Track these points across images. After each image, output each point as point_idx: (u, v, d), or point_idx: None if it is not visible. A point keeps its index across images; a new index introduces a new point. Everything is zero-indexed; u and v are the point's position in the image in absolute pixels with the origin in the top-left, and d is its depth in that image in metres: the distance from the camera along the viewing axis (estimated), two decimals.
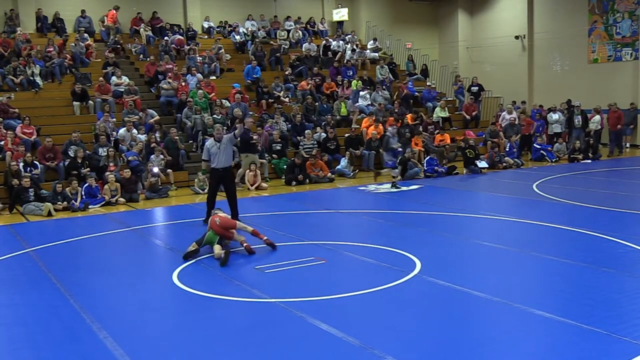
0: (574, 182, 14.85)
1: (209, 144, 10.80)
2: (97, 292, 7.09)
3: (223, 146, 10.56)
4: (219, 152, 10.55)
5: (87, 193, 13.54)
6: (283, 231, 9.98)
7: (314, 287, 6.97)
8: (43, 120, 16.96)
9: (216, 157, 10.58)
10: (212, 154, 10.60)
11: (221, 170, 10.62)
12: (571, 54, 23.94)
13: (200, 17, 24.60)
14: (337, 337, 5.34)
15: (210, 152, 10.63)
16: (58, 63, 19.09)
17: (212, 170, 10.80)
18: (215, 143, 10.61)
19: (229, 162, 10.72)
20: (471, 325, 5.64)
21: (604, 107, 21.70)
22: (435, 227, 10.13)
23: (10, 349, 5.51)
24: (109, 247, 9.90)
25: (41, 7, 21.64)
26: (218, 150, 10.55)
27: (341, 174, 16.92)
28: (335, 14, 26.52)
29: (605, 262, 7.45)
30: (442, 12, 28.38)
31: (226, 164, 10.64)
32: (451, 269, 7.47)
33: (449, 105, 22.18)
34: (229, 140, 10.64)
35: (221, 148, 10.55)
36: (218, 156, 10.56)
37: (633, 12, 22.02)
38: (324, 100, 20.15)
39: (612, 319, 5.54)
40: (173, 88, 18.87)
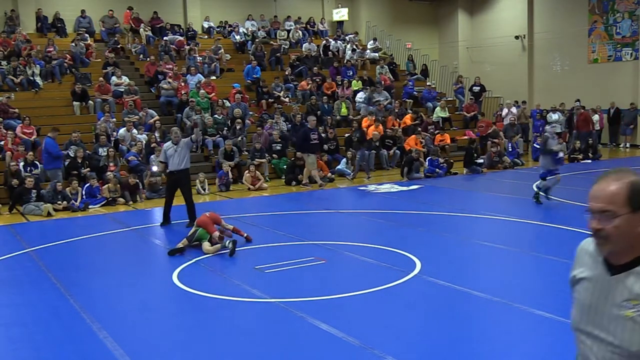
0: (574, 182, 14.84)
1: (166, 146, 10.98)
2: (97, 292, 7.09)
3: (179, 149, 10.70)
4: (174, 155, 10.70)
5: (88, 193, 13.55)
6: (283, 231, 9.98)
7: (314, 287, 6.97)
8: (43, 120, 16.95)
9: (171, 160, 10.72)
10: (169, 156, 10.76)
11: (176, 172, 10.75)
12: (571, 54, 23.94)
13: (200, 17, 24.60)
14: (337, 337, 5.34)
15: (167, 155, 10.79)
16: (58, 63, 19.09)
17: (168, 173, 11.01)
18: (172, 146, 10.76)
19: (184, 165, 10.81)
20: (471, 325, 5.64)
21: (604, 107, 21.75)
22: (435, 227, 10.13)
23: (10, 349, 5.51)
24: (109, 247, 9.90)
25: (41, 7, 21.64)
26: (174, 152, 10.70)
27: (341, 174, 16.92)
28: (335, 13, 26.52)
29: None
30: (442, 12, 28.39)
31: (180, 166, 10.74)
32: (451, 269, 7.47)
33: (449, 105, 22.18)
34: (185, 144, 10.80)
35: (177, 151, 10.69)
36: (173, 159, 10.71)
37: (633, 12, 22.02)
38: (325, 101, 20.15)
39: None
40: (173, 88, 18.87)
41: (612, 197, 1.96)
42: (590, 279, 2.06)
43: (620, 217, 1.94)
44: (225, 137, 17.04)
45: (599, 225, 1.97)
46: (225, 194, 14.74)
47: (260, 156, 16.49)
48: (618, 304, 1.95)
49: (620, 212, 1.94)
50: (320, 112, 19.62)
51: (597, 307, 2.01)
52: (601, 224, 1.96)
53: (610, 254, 1.99)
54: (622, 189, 1.96)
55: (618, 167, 2.06)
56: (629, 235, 1.94)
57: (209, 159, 17.14)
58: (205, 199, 14.33)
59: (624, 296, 1.94)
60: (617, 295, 1.96)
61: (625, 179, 1.98)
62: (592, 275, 2.05)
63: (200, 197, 14.40)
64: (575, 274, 2.13)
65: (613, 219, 1.94)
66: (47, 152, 13.78)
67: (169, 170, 10.91)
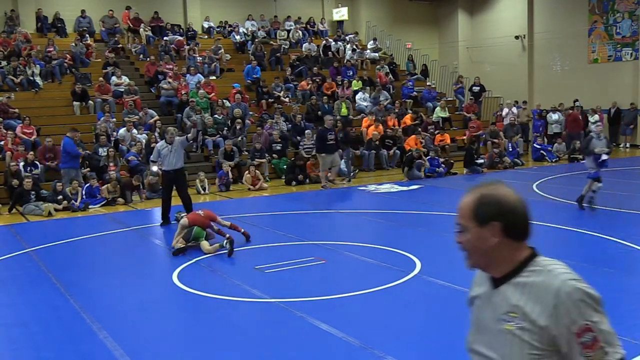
0: (574, 182, 14.83)
1: (159, 145, 10.98)
2: (97, 292, 7.09)
3: (174, 148, 10.70)
4: (169, 154, 10.69)
5: (88, 193, 13.55)
6: (283, 231, 9.98)
7: (314, 287, 6.97)
8: (43, 120, 16.95)
9: (166, 159, 10.72)
10: (163, 156, 10.76)
11: (172, 172, 10.76)
12: (571, 54, 23.93)
13: (200, 17, 24.59)
14: (337, 337, 5.33)
15: (161, 154, 10.78)
16: (58, 63, 19.09)
17: (164, 173, 11.01)
18: (166, 145, 10.76)
19: (179, 165, 10.82)
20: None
21: (604, 107, 21.75)
22: (435, 227, 10.13)
23: (10, 348, 5.51)
24: (109, 247, 9.90)
25: (41, 7, 21.63)
26: (169, 152, 10.69)
27: (341, 174, 16.91)
28: (335, 13, 26.52)
29: (605, 262, 7.45)
30: (442, 12, 28.38)
31: (176, 166, 10.76)
32: (451, 269, 7.46)
33: (449, 105, 22.18)
34: (180, 143, 10.80)
35: (172, 150, 10.69)
36: (168, 158, 10.70)
37: (633, 12, 22.01)
38: (325, 101, 20.15)
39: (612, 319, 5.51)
40: (173, 88, 18.87)
41: (463, 210, 1.92)
42: (480, 297, 2.01)
43: (469, 232, 1.90)
44: (225, 137, 17.04)
45: (458, 238, 1.94)
46: (225, 194, 14.74)
47: (260, 156, 16.49)
48: (499, 318, 1.88)
49: (469, 226, 1.90)
50: (321, 112, 19.64)
51: (484, 324, 1.96)
52: (459, 237, 1.94)
53: (486, 268, 1.95)
54: (470, 202, 1.91)
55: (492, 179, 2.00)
56: (481, 250, 1.90)
57: (209, 159, 17.14)
58: (206, 198, 14.33)
59: (503, 309, 1.88)
60: (498, 309, 1.90)
61: (477, 192, 1.93)
62: (482, 292, 2.00)
63: (200, 197, 14.40)
64: (471, 294, 2.08)
65: (465, 233, 1.91)
66: (66, 152, 13.82)
67: (164, 170, 10.89)
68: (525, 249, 1.93)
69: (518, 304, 1.84)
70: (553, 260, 1.91)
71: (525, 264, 1.89)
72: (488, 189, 1.93)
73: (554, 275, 1.82)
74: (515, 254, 1.90)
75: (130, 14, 22.36)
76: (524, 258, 1.90)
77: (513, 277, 1.88)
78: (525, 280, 1.86)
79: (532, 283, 1.84)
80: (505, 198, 1.90)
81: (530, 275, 1.86)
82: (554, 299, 1.77)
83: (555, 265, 1.87)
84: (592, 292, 1.79)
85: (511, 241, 1.89)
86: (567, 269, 1.86)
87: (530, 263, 1.89)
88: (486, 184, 1.97)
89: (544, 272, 1.85)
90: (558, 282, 1.80)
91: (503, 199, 1.90)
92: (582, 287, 1.78)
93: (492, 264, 1.92)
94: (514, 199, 1.92)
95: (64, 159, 13.96)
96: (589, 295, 1.78)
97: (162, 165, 10.90)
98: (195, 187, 14.94)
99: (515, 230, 1.90)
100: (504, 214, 1.88)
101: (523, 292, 1.85)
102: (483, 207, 1.88)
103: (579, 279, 1.81)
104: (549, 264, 1.88)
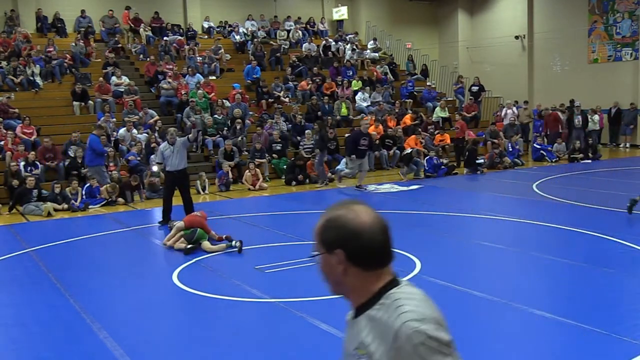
0: (574, 182, 14.85)
1: (162, 147, 11.00)
2: (97, 292, 7.08)
3: (176, 149, 10.71)
4: (172, 155, 10.71)
5: (87, 193, 13.55)
6: (283, 231, 9.98)
7: (314, 287, 6.96)
8: (43, 120, 16.95)
9: (169, 160, 10.73)
10: (166, 157, 10.78)
11: (175, 173, 10.77)
12: (571, 54, 23.94)
13: (200, 17, 24.59)
14: (337, 337, 5.33)
15: (164, 155, 10.80)
16: (58, 63, 19.10)
17: (167, 174, 11.02)
18: (168, 146, 10.78)
19: (182, 165, 10.84)
20: (471, 326, 5.64)
21: (604, 107, 21.75)
22: (435, 227, 10.13)
23: (10, 348, 5.50)
24: (109, 247, 9.90)
25: (41, 7, 21.63)
26: (171, 153, 10.71)
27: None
28: (334, 12, 26.53)
29: (605, 262, 7.45)
30: (442, 12, 28.38)
31: (179, 166, 10.77)
32: (451, 269, 7.47)
33: (449, 105, 22.18)
34: (182, 143, 10.80)
35: (174, 151, 10.70)
36: (171, 159, 10.71)
37: (633, 12, 22.02)
38: (326, 101, 20.17)
39: (612, 319, 5.54)
40: (173, 88, 18.87)
41: (314, 234, 1.75)
42: (347, 323, 1.83)
43: (320, 257, 1.74)
44: (225, 137, 17.04)
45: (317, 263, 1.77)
46: (225, 194, 14.74)
47: (260, 156, 16.49)
48: (351, 352, 1.73)
49: (319, 251, 1.74)
50: (321, 112, 19.65)
51: (345, 354, 1.80)
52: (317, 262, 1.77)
53: (345, 296, 1.77)
54: (318, 226, 1.75)
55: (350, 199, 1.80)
56: (332, 277, 1.74)
57: (209, 159, 17.14)
58: (206, 198, 14.33)
59: (355, 343, 1.72)
60: (352, 341, 1.75)
61: (326, 214, 1.75)
62: (349, 319, 1.82)
63: (200, 196, 14.41)
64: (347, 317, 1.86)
65: (318, 259, 1.75)
66: (92, 149, 13.85)
67: (167, 171, 10.92)
68: (383, 278, 1.72)
69: (365, 341, 1.68)
70: (407, 293, 1.69)
71: (379, 295, 1.70)
72: (336, 212, 1.73)
73: (397, 315, 1.62)
74: (368, 283, 1.71)
75: (130, 14, 22.38)
76: (379, 289, 1.71)
77: (367, 308, 1.71)
78: (375, 314, 1.69)
79: (380, 320, 1.67)
80: (350, 223, 1.69)
81: (380, 309, 1.68)
82: (394, 341, 1.60)
83: (404, 300, 1.66)
84: (435, 335, 1.58)
85: (360, 270, 1.70)
86: (415, 307, 1.64)
87: (383, 295, 1.70)
88: (339, 205, 1.76)
89: (390, 309, 1.65)
90: (398, 324, 1.61)
91: (347, 223, 1.69)
92: (423, 330, 1.58)
93: (347, 292, 1.75)
94: (361, 223, 1.69)
95: (89, 157, 14.00)
96: (431, 338, 1.58)
97: (166, 166, 10.90)
98: (195, 187, 14.94)
99: (362, 259, 1.69)
100: (346, 241, 1.68)
101: (371, 328, 1.68)
102: (327, 233, 1.72)
103: (423, 319, 1.60)
104: (399, 298, 1.67)
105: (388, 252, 1.74)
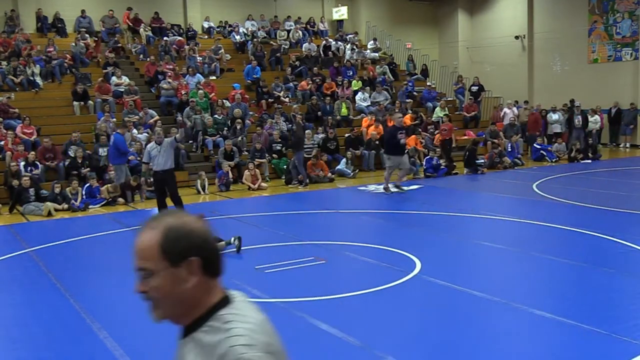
0: (574, 182, 14.85)
1: (149, 146, 10.97)
2: (97, 292, 7.09)
3: (163, 149, 10.67)
4: (159, 155, 10.67)
5: (88, 193, 13.56)
6: (283, 231, 9.98)
7: (314, 287, 6.97)
8: (43, 120, 16.95)
9: (155, 160, 10.71)
10: (152, 157, 10.75)
11: (161, 172, 10.73)
12: (571, 54, 23.94)
13: (200, 17, 24.59)
14: (337, 337, 5.34)
15: (151, 155, 10.79)
16: (58, 63, 19.10)
17: (153, 173, 11.00)
18: (155, 146, 10.76)
19: (168, 165, 10.78)
20: (471, 325, 5.64)
21: (604, 107, 21.75)
22: (435, 227, 10.13)
23: (10, 348, 5.50)
24: (109, 247, 9.90)
25: (41, 7, 21.63)
26: (158, 153, 10.68)
27: (341, 174, 16.93)
28: (334, 12, 26.54)
29: (605, 262, 7.46)
30: (442, 12, 28.38)
31: (165, 166, 10.71)
32: (451, 269, 7.47)
33: (449, 105, 22.17)
34: (169, 143, 10.77)
35: (161, 151, 10.66)
36: (157, 159, 10.68)
37: (633, 12, 22.01)
38: (328, 101, 20.17)
39: (612, 319, 5.54)
40: (173, 88, 18.87)
41: (146, 251, 1.56)
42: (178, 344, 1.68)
43: (159, 275, 1.56)
44: (225, 137, 17.04)
45: (142, 287, 1.59)
46: (225, 194, 14.74)
47: (261, 156, 16.49)
48: None
49: (158, 268, 1.55)
50: (321, 113, 19.65)
51: None
52: (144, 285, 1.59)
53: (180, 319, 1.62)
54: (154, 239, 1.56)
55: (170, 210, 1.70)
56: (176, 295, 1.57)
57: (209, 159, 17.14)
58: (205, 198, 14.33)
59: None
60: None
61: (161, 225, 1.58)
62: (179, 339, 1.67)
63: (200, 196, 14.41)
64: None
65: (152, 278, 1.57)
66: (116, 148, 13.87)
67: (154, 171, 10.90)
68: (218, 292, 1.62)
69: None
70: (241, 314, 1.58)
71: (209, 314, 1.58)
72: (173, 221, 1.59)
73: (225, 338, 1.50)
74: (207, 296, 1.60)
75: (130, 14, 22.39)
76: (212, 305, 1.59)
77: (196, 328, 1.58)
78: (202, 337, 1.56)
79: (206, 344, 1.54)
80: (196, 228, 1.59)
81: (208, 331, 1.56)
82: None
83: (236, 323, 1.54)
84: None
85: (208, 279, 1.60)
86: (247, 331, 1.52)
87: (213, 315, 1.58)
88: (166, 215, 1.64)
89: (220, 331, 1.53)
90: (225, 348, 1.48)
91: (195, 229, 1.59)
92: (249, 358, 1.46)
93: (186, 312, 1.60)
94: (202, 227, 1.61)
95: (113, 155, 14.02)
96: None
97: (152, 166, 10.89)
98: (195, 186, 14.95)
99: (214, 265, 1.61)
100: (200, 247, 1.58)
101: (196, 354, 1.56)
102: (174, 243, 1.55)
103: (252, 345, 1.48)
104: (231, 320, 1.55)
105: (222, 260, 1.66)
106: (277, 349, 1.55)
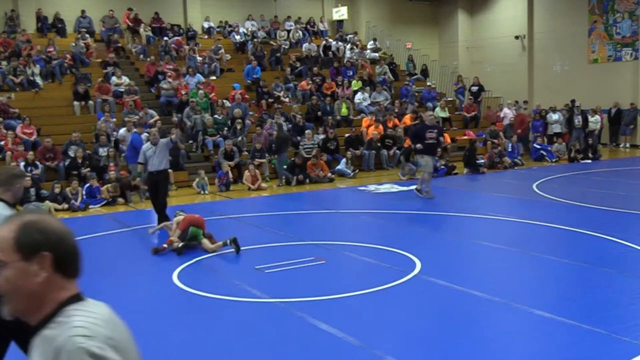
0: (574, 182, 14.85)
1: (145, 147, 10.95)
2: (97, 292, 7.05)
3: (159, 150, 10.66)
4: (154, 156, 10.66)
5: (88, 193, 13.56)
6: (283, 231, 9.98)
7: (314, 287, 6.97)
8: (43, 120, 16.94)
9: (150, 160, 10.70)
10: (147, 157, 10.74)
11: (155, 173, 10.72)
12: (571, 54, 23.93)
13: (200, 17, 24.59)
14: (337, 337, 5.34)
15: (146, 155, 10.76)
16: (58, 63, 19.10)
17: (148, 174, 10.96)
18: (151, 146, 10.74)
19: (162, 166, 10.78)
20: (471, 325, 5.64)
21: (604, 107, 21.75)
22: (435, 227, 10.13)
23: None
24: (109, 247, 9.90)
25: (41, 7, 21.64)
26: (153, 153, 10.67)
27: (341, 174, 16.93)
28: (334, 12, 26.54)
29: (605, 262, 7.46)
30: (442, 12, 28.39)
31: (159, 167, 10.71)
32: (451, 269, 7.48)
33: (449, 105, 22.18)
34: (165, 144, 10.76)
35: (156, 152, 10.66)
36: (152, 159, 10.67)
37: (633, 12, 22.02)
38: (328, 102, 20.17)
39: (612, 319, 5.54)
40: (173, 88, 18.87)
41: (1, 243, 1.59)
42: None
43: (10, 268, 1.57)
44: (226, 137, 17.05)
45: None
46: (225, 194, 14.74)
47: (260, 156, 16.49)
48: None
49: (10, 260, 1.57)
50: (321, 113, 19.66)
51: None
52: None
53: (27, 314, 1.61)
54: (10, 232, 1.59)
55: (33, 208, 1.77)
56: (25, 290, 1.57)
57: (209, 159, 17.14)
58: (206, 199, 14.33)
59: None
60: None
61: (17, 220, 1.62)
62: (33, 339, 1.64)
63: (200, 196, 14.41)
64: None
65: (4, 270, 1.58)
66: (133, 147, 13.90)
67: (149, 171, 10.88)
68: (70, 291, 1.64)
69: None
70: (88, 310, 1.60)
71: (58, 310, 1.59)
72: (33, 217, 1.64)
73: (66, 329, 1.51)
74: (57, 294, 1.61)
75: (130, 14, 22.39)
76: (62, 302, 1.60)
77: (43, 326, 1.58)
78: (47, 333, 1.56)
79: (49, 337, 1.54)
80: (52, 226, 1.64)
81: (54, 327, 1.55)
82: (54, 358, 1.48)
83: (80, 317, 1.55)
84: (100, 354, 1.48)
85: (60, 278, 1.62)
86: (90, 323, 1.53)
87: (62, 310, 1.58)
88: (27, 213, 1.67)
89: (62, 324, 1.54)
90: (63, 338, 1.49)
91: (50, 226, 1.63)
92: (86, 347, 1.47)
93: (35, 308, 1.60)
94: (61, 228, 1.67)
95: (131, 154, 14.06)
96: (94, 356, 1.47)
97: (147, 167, 10.86)
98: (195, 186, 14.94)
99: (67, 264, 1.64)
100: (54, 244, 1.61)
101: (41, 353, 1.54)
102: (29, 236, 1.58)
103: (92, 337, 1.50)
104: (76, 315, 1.56)
105: (81, 263, 1.67)
106: (123, 346, 1.56)
